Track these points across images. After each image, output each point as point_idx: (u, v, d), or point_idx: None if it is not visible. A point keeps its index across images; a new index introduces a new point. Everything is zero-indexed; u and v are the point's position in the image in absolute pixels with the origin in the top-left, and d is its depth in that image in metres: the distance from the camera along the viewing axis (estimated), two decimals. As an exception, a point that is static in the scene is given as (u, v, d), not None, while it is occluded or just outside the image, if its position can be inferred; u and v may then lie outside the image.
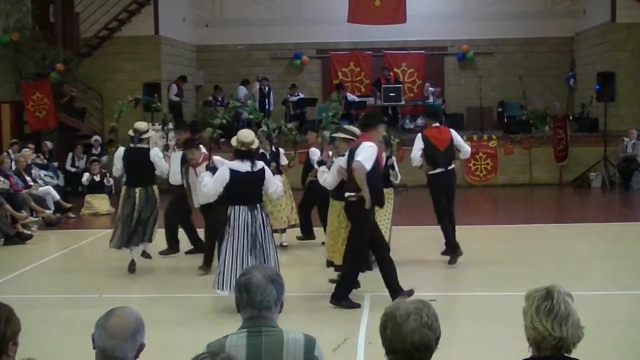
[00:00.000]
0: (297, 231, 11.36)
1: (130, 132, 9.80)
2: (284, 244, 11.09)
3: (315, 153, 10.44)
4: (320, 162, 8.78)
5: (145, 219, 9.61)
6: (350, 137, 8.16)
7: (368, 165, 7.52)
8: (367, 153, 7.56)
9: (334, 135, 8.57)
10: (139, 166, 9.65)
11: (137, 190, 9.59)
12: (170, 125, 11.41)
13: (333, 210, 8.45)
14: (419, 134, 10.10)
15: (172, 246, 10.67)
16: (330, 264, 8.62)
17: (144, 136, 9.81)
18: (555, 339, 2.87)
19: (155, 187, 9.80)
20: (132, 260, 9.75)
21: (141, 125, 9.87)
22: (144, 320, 2.95)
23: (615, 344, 6.65)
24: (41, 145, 17.71)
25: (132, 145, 9.76)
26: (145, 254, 10.06)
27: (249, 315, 3.18)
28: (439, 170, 9.73)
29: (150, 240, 9.84)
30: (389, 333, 2.82)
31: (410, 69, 22.82)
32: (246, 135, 7.66)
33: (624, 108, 19.40)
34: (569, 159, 18.84)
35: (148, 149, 9.81)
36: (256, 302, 3.14)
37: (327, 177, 8.35)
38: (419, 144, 9.77)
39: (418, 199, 12.42)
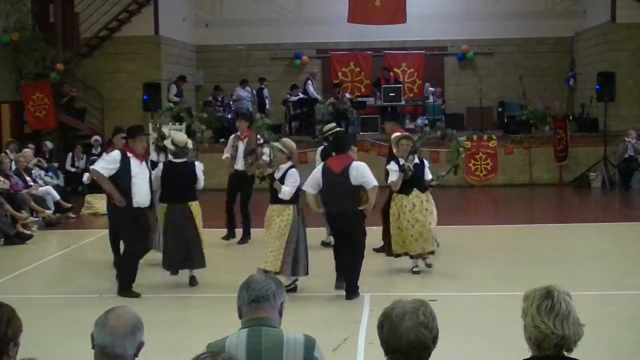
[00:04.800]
0: None
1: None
2: None
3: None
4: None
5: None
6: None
7: None
8: None
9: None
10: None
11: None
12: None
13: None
14: None
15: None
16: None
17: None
18: (557, 337, 2.87)
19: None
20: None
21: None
22: (144, 321, 2.96)
23: (614, 344, 6.65)
24: (41, 145, 17.71)
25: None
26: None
27: (249, 316, 3.21)
28: None
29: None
30: (385, 332, 2.82)
31: (410, 69, 22.84)
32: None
33: (624, 108, 19.39)
34: (569, 159, 18.82)
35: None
36: (254, 290, 3.19)
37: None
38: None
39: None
